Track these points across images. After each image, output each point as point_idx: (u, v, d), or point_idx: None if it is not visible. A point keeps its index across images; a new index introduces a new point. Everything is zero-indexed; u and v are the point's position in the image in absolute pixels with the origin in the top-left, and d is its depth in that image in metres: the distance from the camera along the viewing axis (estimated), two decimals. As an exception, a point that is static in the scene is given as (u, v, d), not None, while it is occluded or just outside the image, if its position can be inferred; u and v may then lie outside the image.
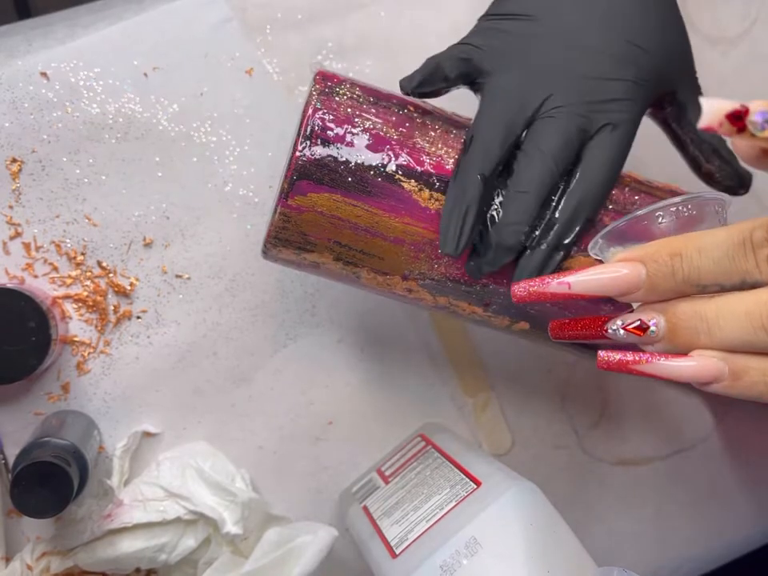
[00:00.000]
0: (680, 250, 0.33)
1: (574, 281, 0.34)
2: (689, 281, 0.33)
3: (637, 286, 0.34)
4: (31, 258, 0.55)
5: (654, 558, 0.67)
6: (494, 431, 0.63)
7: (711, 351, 0.33)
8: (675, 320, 0.33)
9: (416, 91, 0.44)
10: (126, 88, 0.55)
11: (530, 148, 0.43)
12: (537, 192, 0.43)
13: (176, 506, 0.54)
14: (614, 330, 0.35)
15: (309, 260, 0.45)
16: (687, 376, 0.33)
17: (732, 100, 0.30)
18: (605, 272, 0.34)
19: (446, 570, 0.44)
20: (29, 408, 0.55)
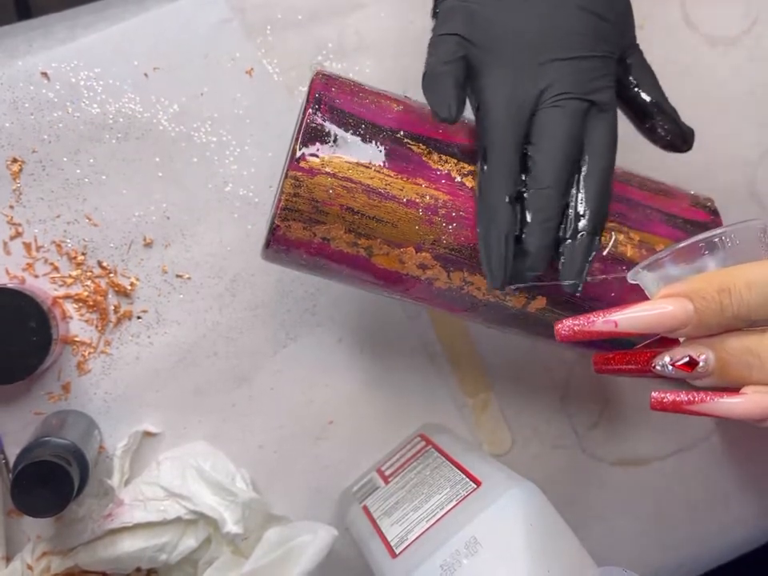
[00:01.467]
0: (728, 285, 0.32)
1: (620, 319, 0.34)
2: (738, 317, 0.32)
3: (685, 323, 0.33)
4: (32, 257, 0.55)
5: (653, 557, 0.67)
6: (494, 431, 0.63)
7: (765, 387, 0.32)
8: (725, 356, 0.33)
9: (458, 118, 0.42)
10: (127, 88, 0.55)
11: (540, 142, 0.43)
12: (558, 185, 0.42)
13: (176, 506, 0.54)
14: (662, 366, 0.34)
15: (319, 235, 0.44)
16: (741, 413, 0.33)
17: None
18: (651, 309, 0.33)
19: (446, 569, 0.44)
20: (29, 408, 0.55)
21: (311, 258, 0.46)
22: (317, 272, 0.47)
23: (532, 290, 0.45)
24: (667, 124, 0.47)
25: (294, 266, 0.47)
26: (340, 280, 0.47)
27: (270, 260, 0.47)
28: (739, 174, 0.65)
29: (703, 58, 0.63)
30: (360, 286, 0.48)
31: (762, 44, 0.64)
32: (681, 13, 0.63)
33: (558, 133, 0.42)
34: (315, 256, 0.45)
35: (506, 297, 0.46)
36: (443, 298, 0.47)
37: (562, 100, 0.43)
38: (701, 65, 0.64)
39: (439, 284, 0.46)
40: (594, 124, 0.44)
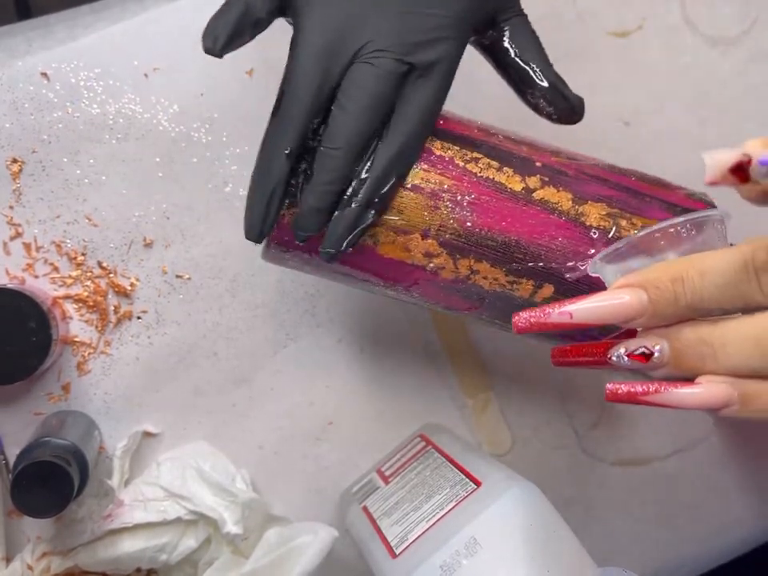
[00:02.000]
0: (681, 274, 0.32)
1: (575, 310, 0.33)
2: (691, 306, 0.32)
3: (640, 313, 0.33)
4: (32, 258, 0.55)
5: (654, 558, 0.67)
6: (494, 431, 0.63)
7: (719, 377, 0.32)
8: (680, 345, 0.33)
9: (226, 51, 0.40)
10: (127, 88, 0.55)
11: (343, 98, 0.40)
12: (349, 148, 0.40)
13: (176, 506, 0.54)
14: (618, 357, 0.34)
15: None
16: (697, 403, 0.32)
17: (730, 149, 0.29)
18: (606, 300, 0.33)
19: (445, 570, 0.44)
20: (29, 408, 0.55)
21: (315, 250, 0.45)
22: (319, 269, 0.47)
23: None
24: (549, 94, 0.44)
25: (295, 263, 0.47)
26: (342, 279, 0.47)
27: (272, 257, 0.47)
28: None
29: (703, 58, 0.63)
30: (362, 285, 0.47)
31: (762, 44, 0.64)
32: (681, 13, 0.63)
33: (363, 93, 0.40)
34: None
35: (512, 286, 0.45)
36: (449, 291, 0.46)
37: (377, 58, 0.40)
38: (701, 65, 0.64)
39: (445, 274, 0.45)
40: (411, 89, 0.41)
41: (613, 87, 0.62)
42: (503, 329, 0.49)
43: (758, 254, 0.31)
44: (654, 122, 0.63)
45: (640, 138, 0.63)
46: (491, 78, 0.47)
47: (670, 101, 0.63)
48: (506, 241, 0.44)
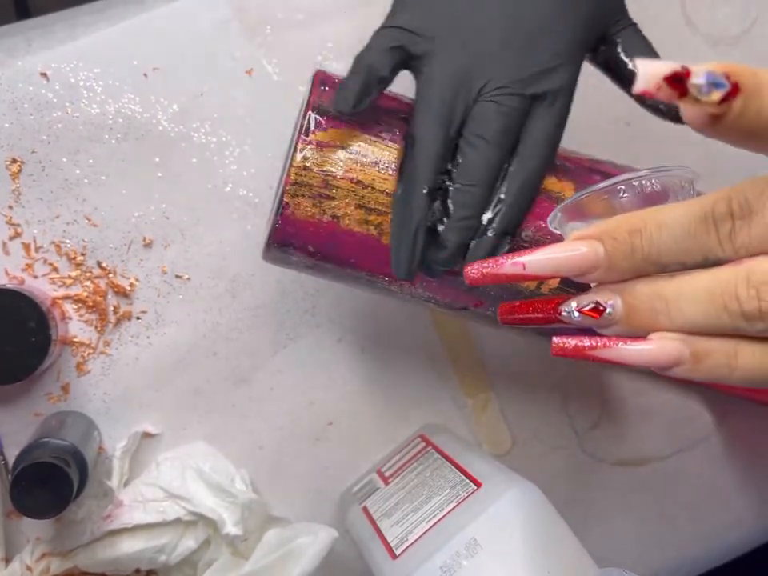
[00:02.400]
0: (639, 226, 0.31)
1: (528, 260, 0.32)
2: (648, 259, 0.31)
3: (594, 265, 0.31)
4: (31, 258, 0.55)
5: (654, 558, 0.67)
6: (494, 431, 0.63)
7: (671, 333, 0.31)
8: (633, 301, 0.31)
9: (357, 110, 0.43)
10: (126, 88, 0.55)
11: (471, 137, 0.42)
12: (483, 183, 0.42)
13: (176, 507, 0.54)
14: (569, 313, 0.32)
15: (329, 213, 0.43)
16: (646, 360, 0.31)
17: (671, 62, 0.28)
18: (560, 251, 0.32)
19: (446, 570, 0.44)
20: (29, 409, 0.55)
21: (319, 244, 0.44)
22: (319, 270, 0.47)
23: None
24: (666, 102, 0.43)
25: (296, 264, 0.46)
26: (342, 279, 0.47)
27: (272, 258, 0.47)
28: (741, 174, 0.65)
29: (704, 58, 0.63)
30: (363, 284, 0.47)
31: (762, 44, 0.64)
32: (681, 13, 0.63)
33: (492, 130, 0.42)
34: (324, 241, 0.44)
35: None
36: (455, 283, 0.46)
37: (500, 95, 0.42)
38: (701, 65, 0.64)
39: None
40: (534, 119, 0.43)
41: (613, 87, 0.62)
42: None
43: (718, 206, 0.30)
44: (654, 122, 0.62)
45: (640, 138, 0.63)
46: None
47: (670, 101, 0.63)
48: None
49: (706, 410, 0.67)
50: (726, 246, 0.30)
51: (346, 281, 0.47)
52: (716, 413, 0.67)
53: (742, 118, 0.29)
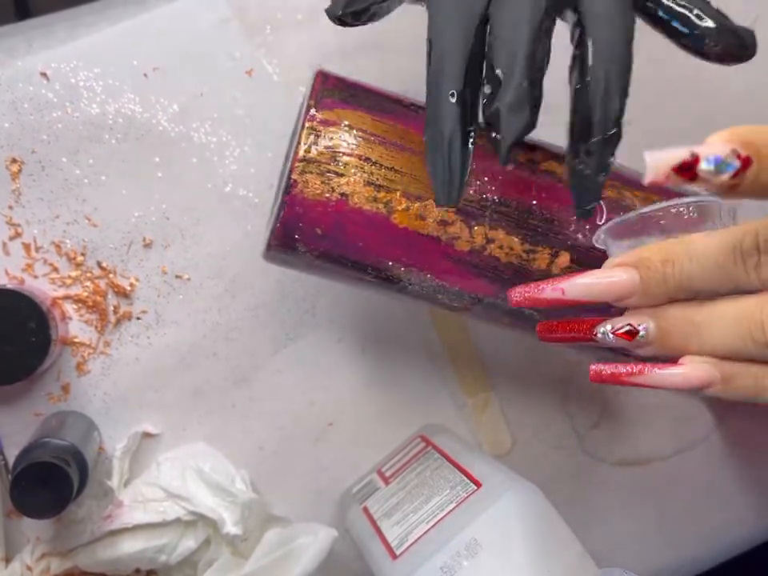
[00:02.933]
0: (672, 256, 0.33)
1: (567, 287, 0.34)
2: (680, 287, 0.33)
3: (631, 292, 0.33)
4: (31, 258, 0.55)
5: (654, 558, 0.67)
6: (494, 432, 0.63)
7: (701, 357, 0.33)
8: (665, 325, 0.33)
9: (348, 12, 0.38)
10: (126, 88, 0.55)
11: (500, 15, 0.37)
12: (530, 25, 0.36)
13: (176, 507, 0.54)
14: (603, 335, 0.34)
15: (337, 191, 0.43)
16: (679, 383, 0.33)
17: (681, 148, 0.29)
18: (598, 278, 0.34)
19: (446, 571, 0.44)
20: (29, 409, 0.55)
21: (327, 225, 0.43)
22: (319, 270, 0.46)
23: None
24: (715, 34, 0.41)
25: (296, 264, 0.46)
26: (342, 279, 0.47)
27: (272, 258, 0.46)
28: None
29: (704, 57, 0.63)
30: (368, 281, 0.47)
31: (763, 43, 0.64)
32: (681, 12, 0.63)
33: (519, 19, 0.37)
34: (332, 221, 0.43)
35: (528, 255, 0.45)
36: (465, 268, 0.45)
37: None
38: (702, 65, 0.63)
39: (461, 245, 0.44)
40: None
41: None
42: (513, 319, 0.48)
43: (746, 239, 0.31)
44: (654, 122, 0.63)
45: (640, 138, 0.62)
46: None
47: (670, 101, 0.63)
48: (519, 206, 0.44)
49: (706, 410, 0.67)
50: (752, 278, 0.31)
51: (348, 277, 0.47)
52: (716, 413, 0.67)
53: (757, 183, 0.29)
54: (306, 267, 0.47)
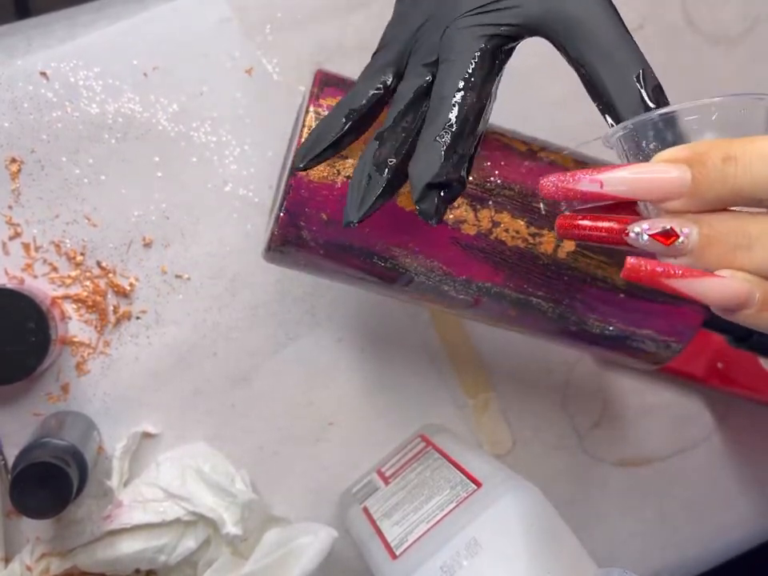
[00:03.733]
0: (736, 153, 0.28)
1: (607, 178, 0.30)
2: (741, 192, 0.28)
3: (680, 191, 0.29)
4: (31, 258, 0.55)
5: (654, 558, 0.67)
6: (495, 432, 0.63)
7: (745, 274, 0.29)
8: (712, 232, 0.29)
9: (310, 163, 0.39)
10: (126, 88, 0.55)
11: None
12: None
13: (176, 507, 0.53)
14: (637, 234, 0.30)
15: (343, 173, 0.43)
16: (716, 297, 0.29)
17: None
18: (645, 171, 0.30)
19: (446, 570, 0.44)
20: (28, 409, 0.55)
21: (333, 211, 0.43)
22: (319, 269, 0.46)
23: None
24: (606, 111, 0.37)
25: (296, 263, 0.46)
26: (342, 278, 0.47)
27: (272, 258, 0.46)
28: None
29: (704, 57, 0.63)
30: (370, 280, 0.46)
31: (763, 43, 0.64)
32: (681, 13, 0.63)
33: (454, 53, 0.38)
34: (338, 207, 0.43)
35: (534, 239, 0.45)
36: (472, 253, 0.45)
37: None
38: (702, 65, 0.63)
39: (467, 228, 0.44)
40: None
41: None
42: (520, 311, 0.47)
43: None
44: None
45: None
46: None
47: (669, 101, 0.63)
48: (522, 190, 0.45)
49: (706, 410, 0.67)
50: None
51: (350, 275, 0.46)
52: (716, 413, 0.67)
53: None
54: (307, 264, 0.46)
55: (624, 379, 0.65)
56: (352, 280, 0.47)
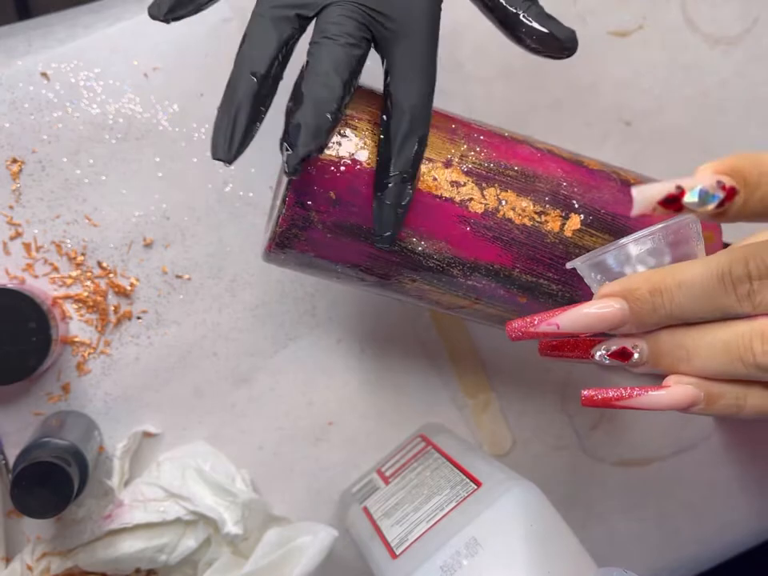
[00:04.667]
0: (660, 286, 0.34)
1: (561, 321, 0.35)
2: (671, 316, 0.34)
3: (622, 321, 0.34)
4: (31, 258, 0.55)
5: (654, 558, 0.67)
6: (495, 432, 0.63)
7: (687, 378, 0.34)
8: (657, 348, 0.35)
9: (171, 17, 0.44)
10: (126, 88, 0.55)
11: (318, 38, 0.41)
12: (338, 73, 0.40)
13: (176, 507, 0.54)
14: (600, 356, 0.36)
15: (350, 152, 0.43)
16: (666, 405, 0.35)
17: (663, 183, 0.30)
18: (590, 311, 0.35)
19: (446, 570, 0.44)
20: (29, 408, 0.55)
21: (340, 189, 0.43)
22: (319, 270, 0.46)
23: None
24: (535, 34, 0.43)
25: (296, 264, 0.46)
26: (343, 279, 0.47)
27: (272, 259, 0.46)
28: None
29: (704, 58, 0.63)
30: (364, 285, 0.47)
31: (762, 43, 0.64)
32: (681, 13, 0.63)
33: (337, 30, 0.41)
34: (345, 185, 0.43)
35: (541, 217, 0.45)
36: (480, 233, 0.45)
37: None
38: (701, 65, 0.63)
39: (475, 206, 0.44)
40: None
41: (613, 87, 0.62)
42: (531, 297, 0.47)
43: (735, 268, 0.32)
44: (654, 122, 0.63)
45: (640, 138, 0.63)
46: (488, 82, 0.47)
47: (670, 101, 0.63)
48: (524, 171, 0.45)
49: (706, 410, 0.67)
50: (744, 305, 0.33)
51: (347, 281, 0.47)
52: (716, 413, 0.67)
53: (744, 210, 0.31)
54: (308, 261, 0.45)
55: (624, 379, 0.65)
56: (353, 279, 0.47)
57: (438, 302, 0.48)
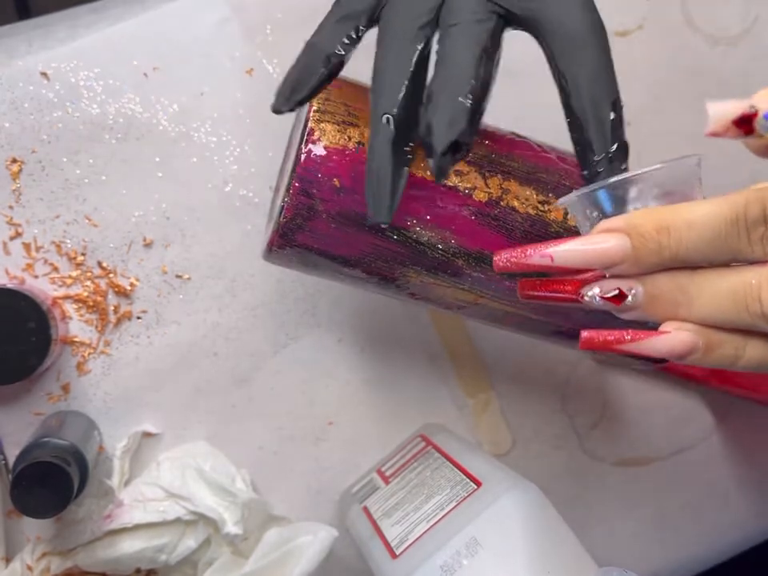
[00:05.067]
0: (667, 223, 0.31)
1: (556, 252, 0.33)
2: (676, 258, 0.32)
3: (622, 259, 0.32)
4: (31, 258, 0.55)
5: (654, 558, 0.67)
6: (495, 431, 0.63)
7: (687, 324, 0.32)
8: (655, 291, 0.32)
9: (293, 106, 0.40)
10: (126, 88, 0.55)
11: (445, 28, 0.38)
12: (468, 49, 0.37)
13: (176, 507, 0.54)
14: (591, 297, 0.33)
15: (354, 140, 0.43)
16: (666, 351, 0.33)
17: (736, 100, 0.29)
18: (589, 244, 0.32)
19: (446, 570, 0.44)
20: (29, 408, 0.55)
21: (345, 176, 0.43)
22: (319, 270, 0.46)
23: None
24: (575, 131, 0.38)
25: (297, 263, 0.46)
26: (343, 279, 0.47)
27: (273, 258, 0.46)
28: (742, 174, 0.65)
29: (704, 58, 0.63)
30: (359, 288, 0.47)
31: (763, 43, 0.64)
32: (681, 13, 0.63)
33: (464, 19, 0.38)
34: (350, 172, 0.43)
35: (545, 207, 0.45)
36: (484, 221, 0.44)
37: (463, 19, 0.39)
38: (702, 65, 0.63)
39: (478, 195, 0.44)
40: None
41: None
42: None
43: (751, 208, 0.30)
44: (654, 122, 0.63)
45: (640, 138, 0.62)
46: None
47: (670, 101, 0.63)
48: (526, 162, 0.46)
49: (706, 410, 0.67)
50: (756, 249, 0.31)
51: (347, 280, 0.47)
52: (716, 413, 0.67)
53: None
54: (311, 257, 0.45)
55: (624, 379, 0.65)
56: (355, 275, 0.46)
57: (441, 298, 0.47)
